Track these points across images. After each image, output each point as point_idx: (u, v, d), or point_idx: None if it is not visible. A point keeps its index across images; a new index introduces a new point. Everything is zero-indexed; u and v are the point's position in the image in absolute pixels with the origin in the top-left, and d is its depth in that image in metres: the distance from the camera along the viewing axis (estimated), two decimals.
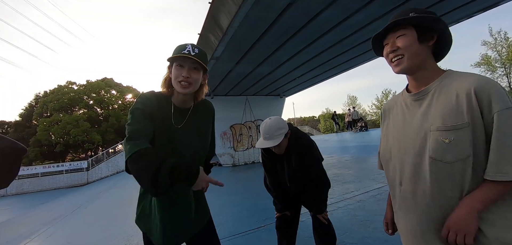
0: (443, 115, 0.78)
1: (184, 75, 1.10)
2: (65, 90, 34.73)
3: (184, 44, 1.14)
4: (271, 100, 13.90)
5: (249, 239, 2.77)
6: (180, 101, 1.19)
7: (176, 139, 1.16)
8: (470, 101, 0.75)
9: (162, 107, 1.16)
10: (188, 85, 1.11)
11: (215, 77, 8.96)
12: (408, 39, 0.85)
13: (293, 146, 1.68)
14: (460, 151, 0.75)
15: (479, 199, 0.73)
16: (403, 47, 0.86)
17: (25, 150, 0.81)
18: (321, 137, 20.35)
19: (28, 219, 8.19)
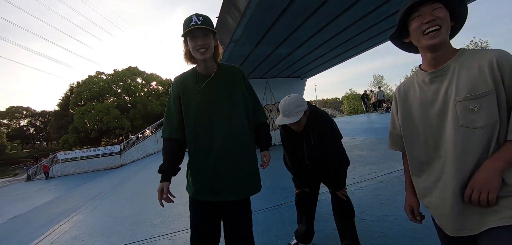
0: (468, 86, 0.82)
1: (199, 44, 1.25)
2: (95, 80, 36.98)
3: (189, 16, 1.27)
4: (292, 82, 13.70)
5: (270, 215, 2.90)
6: (203, 68, 1.35)
7: (208, 103, 1.31)
8: (493, 70, 0.80)
9: (188, 82, 1.35)
10: (205, 51, 1.26)
11: (234, 60, 8.99)
12: (445, 13, 0.87)
13: (312, 123, 1.70)
14: (489, 116, 0.79)
15: (501, 158, 0.78)
16: (442, 18, 0.86)
17: None
18: (344, 118, 19.80)
19: (73, 197, 9.16)
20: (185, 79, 1.36)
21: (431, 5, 0.88)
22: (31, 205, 9.70)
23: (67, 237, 3.35)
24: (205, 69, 1.34)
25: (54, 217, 5.69)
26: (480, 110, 0.80)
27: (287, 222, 2.58)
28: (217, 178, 1.30)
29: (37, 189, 15.43)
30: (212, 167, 1.30)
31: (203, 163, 1.31)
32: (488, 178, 0.77)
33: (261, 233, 2.42)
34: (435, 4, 0.88)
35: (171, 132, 1.34)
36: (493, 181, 0.76)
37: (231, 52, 7.89)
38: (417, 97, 0.97)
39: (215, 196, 1.31)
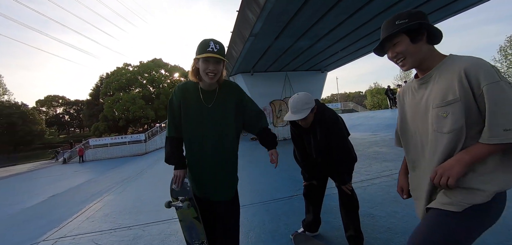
0: (441, 94, 0.91)
1: (210, 69, 1.38)
2: (123, 72, 38.95)
3: (207, 41, 1.39)
4: (312, 75, 13.52)
5: (283, 205, 3.04)
6: (207, 85, 1.50)
7: (206, 116, 1.50)
8: (461, 80, 0.87)
9: (190, 94, 1.52)
10: (214, 77, 1.41)
11: (254, 53, 9.09)
12: (404, 44, 0.99)
13: (319, 120, 1.80)
14: (454, 122, 0.88)
15: (469, 152, 0.86)
16: (401, 52, 0.99)
17: None
18: (366, 113, 19.17)
19: (104, 179, 9.98)
20: (188, 91, 1.52)
21: (390, 42, 1.02)
22: (68, 185, 10.71)
23: (100, 214, 3.75)
24: (208, 86, 1.50)
25: (88, 196, 6.30)
26: (447, 117, 0.89)
27: (297, 212, 2.70)
28: (207, 181, 1.52)
29: (73, 171, 16.89)
30: (203, 170, 1.51)
31: (194, 166, 1.53)
32: (452, 165, 0.87)
33: (271, 221, 2.57)
34: (395, 39, 1.00)
35: (178, 131, 1.54)
36: (455, 168, 0.86)
37: (251, 45, 8.00)
38: (410, 102, 1.08)
39: (205, 195, 1.54)
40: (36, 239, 3.07)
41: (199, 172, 1.53)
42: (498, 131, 0.81)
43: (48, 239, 2.97)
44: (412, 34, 0.97)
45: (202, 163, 1.51)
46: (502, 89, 0.81)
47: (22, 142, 40.14)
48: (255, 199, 3.40)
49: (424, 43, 0.98)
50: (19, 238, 3.71)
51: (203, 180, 1.53)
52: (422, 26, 0.96)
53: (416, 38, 0.97)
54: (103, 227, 3.12)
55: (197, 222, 1.58)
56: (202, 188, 1.54)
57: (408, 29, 0.97)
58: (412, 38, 0.97)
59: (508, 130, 0.80)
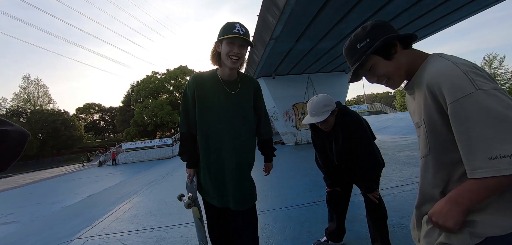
0: (415, 110, 0.81)
1: (235, 51, 1.27)
2: (151, 80, 41.11)
3: (233, 22, 1.27)
4: (336, 76, 13.12)
5: (305, 211, 2.93)
6: (227, 74, 1.37)
7: (228, 107, 1.36)
8: (426, 99, 0.72)
9: (206, 83, 1.39)
10: (237, 60, 1.29)
11: (276, 57, 9.05)
12: (380, 66, 0.83)
13: (340, 123, 1.69)
14: (422, 148, 0.78)
15: (462, 192, 0.67)
16: (382, 74, 0.83)
17: (29, 134, 0.95)
18: (396, 115, 18.12)
19: (134, 181, 10.53)
20: (203, 80, 1.39)
21: (364, 69, 0.85)
22: (102, 186, 11.47)
23: (128, 215, 3.93)
24: (228, 75, 1.37)
25: (119, 197, 6.66)
26: (419, 139, 0.79)
27: (321, 219, 2.58)
28: (224, 185, 1.37)
29: (107, 173, 18.09)
30: (220, 173, 1.37)
31: (212, 166, 1.38)
32: (446, 212, 0.69)
33: (293, 228, 2.48)
34: (367, 64, 0.84)
35: (190, 127, 1.43)
36: (450, 218, 0.68)
37: (272, 49, 7.98)
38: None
39: (222, 203, 1.39)
40: (71, 236, 3.29)
41: (217, 174, 1.37)
42: (480, 160, 0.60)
43: (81, 237, 3.16)
44: (382, 53, 0.81)
45: (221, 163, 1.36)
46: (477, 102, 0.60)
47: (64, 145, 44.01)
48: (277, 204, 3.33)
49: (401, 52, 0.81)
50: (57, 235, 4.01)
51: (221, 184, 1.37)
52: (390, 40, 0.80)
53: (389, 54, 0.81)
54: (130, 228, 3.25)
55: (200, 224, 1.52)
56: (220, 195, 1.38)
57: (376, 50, 0.80)
58: (385, 55, 0.81)
59: (493, 158, 0.58)
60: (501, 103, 0.59)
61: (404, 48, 0.82)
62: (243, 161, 1.38)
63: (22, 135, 0.97)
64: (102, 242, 2.89)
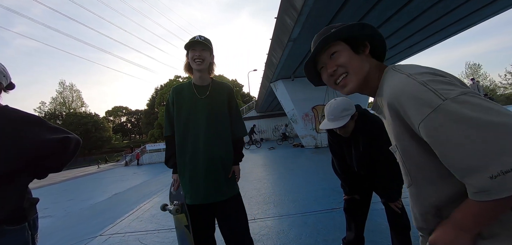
0: (391, 135, 0.72)
1: (197, 55, 1.48)
2: (174, 83, 42.52)
3: (194, 36, 1.52)
4: None
5: (323, 218, 2.81)
6: (198, 79, 1.56)
7: (199, 108, 1.53)
8: (391, 122, 0.64)
9: (184, 89, 1.59)
10: (201, 62, 1.49)
11: (294, 59, 8.95)
12: (346, 54, 0.74)
13: (361, 128, 1.59)
14: (404, 177, 0.70)
15: (471, 218, 0.56)
16: (343, 63, 0.74)
17: (81, 141, 1.24)
18: None
19: (156, 181, 10.92)
20: (182, 89, 1.59)
21: (327, 54, 0.76)
22: (127, 185, 12.04)
23: (148, 214, 4.05)
24: (200, 80, 1.56)
25: (141, 196, 6.93)
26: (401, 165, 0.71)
27: (338, 227, 2.46)
28: (206, 182, 1.46)
29: (132, 173, 18.98)
30: (200, 172, 1.47)
31: (191, 168, 1.48)
32: (449, 240, 0.60)
33: (309, 235, 2.39)
34: (331, 49, 0.75)
35: (172, 131, 1.58)
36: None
37: (290, 51, 7.89)
38: None
39: (206, 198, 1.47)
40: (94, 233, 3.45)
41: (195, 171, 1.47)
42: (480, 182, 0.49)
43: (104, 234, 3.31)
44: (353, 44, 0.74)
45: (198, 159, 1.47)
46: (449, 114, 0.51)
47: (95, 146, 46.99)
48: (293, 209, 3.24)
49: (368, 56, 0.75)
50: (83, 231, 4.24)
51: (200, 179, 1.46)
52: (366, 33, 0.74)
53: (358, 49, 0.74)
54: (148, 227, 3.34)
55: (187, 232, 1.51)
56: (200, 190, 1.46)
57: (349, 36, 0.74)
58: (354, 47, 0.74)
59: (495, 176, 0.47)
60: (477, 109, 0.50)
61: (373, 57, 0.77)
62: (214, 156, 1.49)
63: (78, 142, 1.24)
64: (122, 240, 2.99)
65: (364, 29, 0.74)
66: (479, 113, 0.49)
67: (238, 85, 46.62)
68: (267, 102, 20.33)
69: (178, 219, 1.58)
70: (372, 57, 0.76)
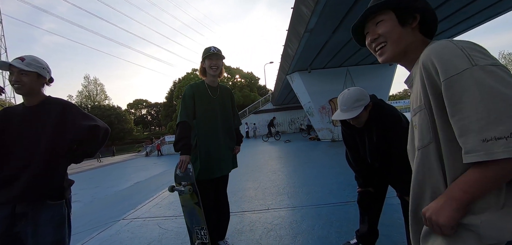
0: (413, 99, 0.74)
1: (214, 63, 1.91)
2: (191, 77, 43.28)
3: (209, 47, 1.93)
4: (377, 69, 12.18)
5: (336, 210, 2.79)
6: (211, 81, 2.00)
7: (212, 105, 1.96)
8: (422, 79, 0.65)
9: (200, 88, 1.96)
10: (216, 69, 1.93)
11: (311, 50, 8.75)
12: (389, 24, 0.76)
13: (375, 119, 1.54)
14: (422, 137, 0.68)
15: (459, 184, 0.58)
16: (384, 33, 0.77)
17: (109, 130, 1.46)
18: None
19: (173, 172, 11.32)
20: (199, 87, 1.96)
21: (373, 21, 0.80)
22: (148, 174, 12.59)
23: (166, 201, 4.23)
24: (212, 82, 2.00)
25: (160, 185, 7.23)
26: (417, 129, 0.71)
27: (352, 220, 2.43)
28: (222, 159, 1.95)
29: (152, 163, 19.78)
30: (219, 152, 1.93)
31: (212, 149, 1.90)
32: (440, 207, 0.61)
33: (322, 227, 2.38)
34: (377, 17, 0.78)
35: (189, 118, 1.84)
36: (444, 212, 0.60)
37: (307, 42, 7.72)
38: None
39: (221, 172, 1.96)
40: (117, 217, 3.67)
41: (214, 148, 1.90)
42: (472, 143, 0.53)
43: (126, 218, 3.51)
44: (401, 14, 0.75)
45: (217, 139, 1.92)
46: (472, 77, 0.53)
47: (117, 137, 49.37)
48: (307, 201, 3.24)
49: (415, 30, 0.75)
50: (108, 215, 4.52)
51: (217, 154, 1.92)
52: (416, 6, 0.74)
53: (406, 20, 0.75)
54: (167, 214, 3.50)
55: (198, 208, 1.72)
56: (217, 164, 1.91)
57: (398, 6, 0.75)
58: (401, 19, 0.75)
59: (488, 140, 0.51)
60: (500, 80, 0.52)
61: (421, 32, 0.76)
62: (226, 140, 2.02)
63: (107, 130, 1.44)
64: (143, 224, 3.16)
65: (416, 2, 0.75)
66: (499, 84, 0.52)
67: (254, 78, 46.53)
68: (283, 95, 20.15)
69: (185, 198, 1.75)
70: (420, 32, 0.76)
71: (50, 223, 1.21)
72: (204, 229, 1.74)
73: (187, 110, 1.86)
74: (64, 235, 1.26)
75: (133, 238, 2.67)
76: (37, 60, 1.32)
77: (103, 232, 3.05)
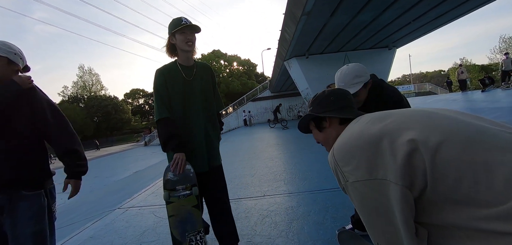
0: None
1: (188, 38, 1.52)
2: None
3: (178, 18, 1.54)
4: (377, 53, 12.04)
5: (332, 196, 2.77)
6: (185, 60, 1.61)
7: (188, 88, 1.60)
8: None
9: (172, 70, 1.59)
10: (192, 44, 1.55)
11: (308, 34, 8.57)
12: (314, 132, 1.02)
13: (375, 99, 1.47)
14: None
15: None
16: (317, 140, 1.02)
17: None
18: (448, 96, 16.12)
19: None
20: (170, 70, 1.59)
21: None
22: (147, 164, 12.60)
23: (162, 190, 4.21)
24: (186, 60, 1.61)
25: (157, 174, 7.21)
26: None
27: (347, 205, 2.40)
28: (203, 149, 1.61)
29: (151, 152, 19.79)
30: (202, 142, 1.61)
31: (192, 138, 1.59)
32: None
33: (317, 213, 2.35)
34: (309, 126, 1.04)
35: (169, 112, 1.55)
36: None
37: (304, 25, 7.54)
38: None
39: (203, 167, 1.61)
40: (114, 206, 3.65)
41: (195, 143, 1.59)
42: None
43: (122, 207, 3.48)
44: (316, 123, 0.97)
45: (197, 132, 1.60)
46: (348, 193, 0.72)
47: (115, 127, 49.30)
48: (303, 187, 3.21)
49: (333, 125, 0.93)
50: (105, 204, 4.51)
51: (199, 150, 1.60)
52: (324, 114, 0.94)
53: (321, 127, 0.96)
54: (162, 202, 3.45)
55: (196, 211, 1.50)
56: (199, 160, 1.59)
57: (312, 119, 0.98)
58: (318, 127, 0.97)
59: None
60: (360, 200, 0.68)
61: (341, 123, 0.92)
62: (209, 129, 1.67)
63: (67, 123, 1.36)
64: (138, 213, 3.13)
65: (321, 109, 0.95)
66: (361, 200, 0.68)
67: (252, 65, 46.05)
68: (280, 82, 19.99)
69: (178, 205, 1.46)
70: (340, 124, 0.92)
71: (27, 213, 1.16)
72: (200, 233, 1.51)
73: (164, 102, 1.54)
74: (44, 226, 1.21)
75: (128, 227, 2.65)
76: (8, 44, 1.25)
77: (98, 221, 3.02)
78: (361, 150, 0.64)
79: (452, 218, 0.51)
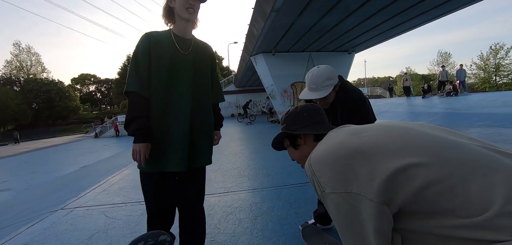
0: None
1: (190, 3, 1.23)
2: None
3: None
4: (338, 56, 12.77)
5: (295, 191, 2.84)
6: (182, 30, 1.31)
7: (176, 66, 1.28)
8: None
9: (163, 39, 1.28)
10: (193, 12, 1.26)
11: (276, 31, 8.66)
12: (289, 150, 1.00)
13: (341, 99, 1.51)
14: None
15: None
16: (292, 158, 1.00)
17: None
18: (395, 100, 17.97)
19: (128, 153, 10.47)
20: (159, 36, 1.28)
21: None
22: (98, 157, 11.44)
23: (115, 187, 3.84)
24: (184, 32, 1.31)
25: (110, 169, 6.59)
26: None
27: (310, 200, 2.48)
28: (188, 146, 1.29)
29: (102, 145, 18.07)
30: (184, 135, 1.28)
31: (173, 128, 1.26)
32: None
33: (281, 208, 2.39)
34: (284, 143, 1.02)
35: (142, 87, 1.23)
36: None
37: (273, 22, 7.60)
38: None
39: (188, 165, 1.29)
40: (55, 207, 3.20)
41: (174, 134, 1.26)
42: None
43: (66, 207, 3.07)
44: (291, 141, 0.97)
45: (179, 122, 1.27)
46: (325, 202, 0.69)
47: (60, 116, 43.76)
48: (267, 183, 3.23)
49: (307, 143, 0.92)
50: (44, 204, 3.94)
51: (179, 143, 1.26)
52: (297, 132, 0.93)
53: (296, 144, 0.95)
54: (115, 200, 3.16)
55: None
56: (177, 156, 1.25)
57: (286, 137, 0.97)
58: (293, 144, 0.96)
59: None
60: (335, 210, 0.66)
61: (316, 139, 0.91)
62: (201, 123, 1.37)
63: None
64: (86, 214, 2.80)
65: (294, 126, 0.94)
66: (336, 213, 0.67)
67: (218, 58, 45.11)
68: (246, 77, 19.97)
69: None
70: (314, 140, 0.91)
71: None
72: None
73: (139, 73, 1.23)
74: None
75: (73, 231, 2.33)
76: None
77: (35, 225, 2.61)
78: (338, 162, 0.64)
79: (429, 226, 0.54)
